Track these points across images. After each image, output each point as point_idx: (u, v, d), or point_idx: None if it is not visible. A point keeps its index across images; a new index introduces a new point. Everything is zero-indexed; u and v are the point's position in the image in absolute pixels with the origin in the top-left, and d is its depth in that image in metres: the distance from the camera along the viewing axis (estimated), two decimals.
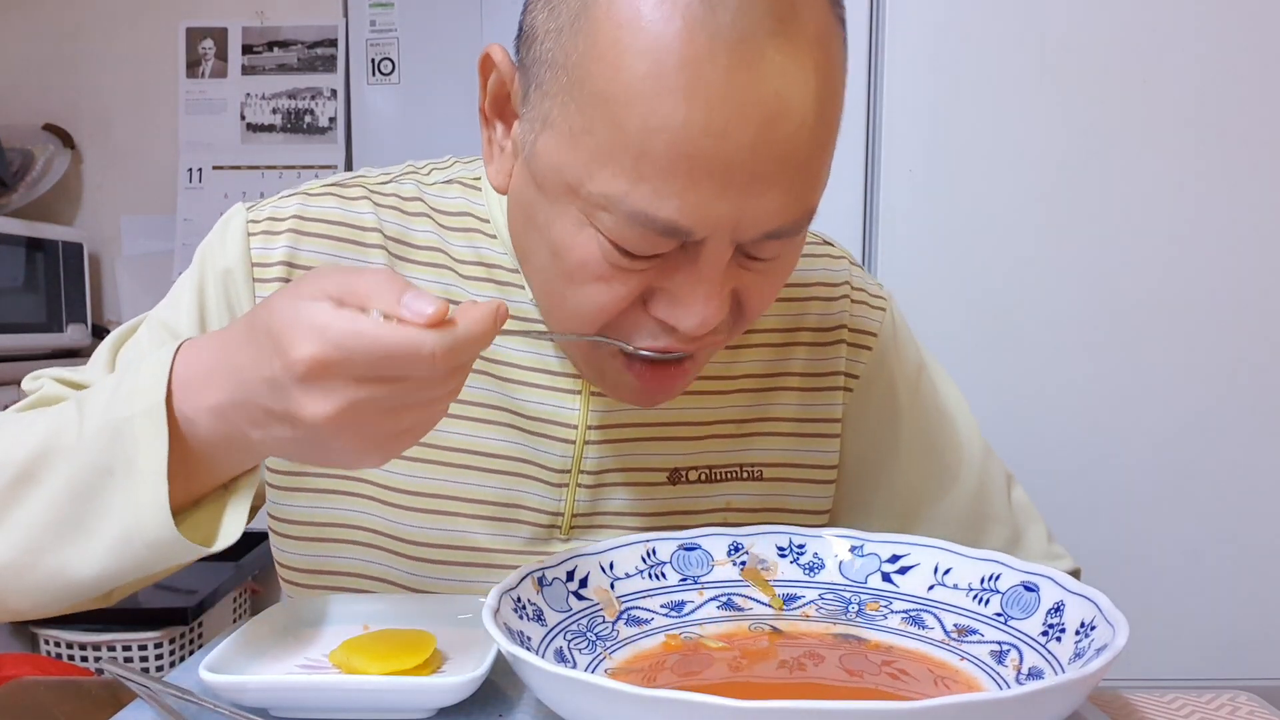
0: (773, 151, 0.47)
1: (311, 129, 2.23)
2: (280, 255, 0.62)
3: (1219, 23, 1.10)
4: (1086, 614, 0.46)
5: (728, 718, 0.34)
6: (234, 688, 0.46)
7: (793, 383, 0.68)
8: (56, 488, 0.49)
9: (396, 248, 0.64)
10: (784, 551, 0.58)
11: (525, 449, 0.64)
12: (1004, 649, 0.49)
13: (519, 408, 0.64)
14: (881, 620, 0.54)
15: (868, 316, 0.69)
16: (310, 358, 0.41)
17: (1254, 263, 1.12)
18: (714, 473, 0.66)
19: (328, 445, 0.44)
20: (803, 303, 0.68)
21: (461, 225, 0.65)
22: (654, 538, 0.57)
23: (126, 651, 1.71)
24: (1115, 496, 1.14)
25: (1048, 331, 1.13)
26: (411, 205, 0.65)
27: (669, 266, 0.50)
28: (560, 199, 0.50)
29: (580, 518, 0.65)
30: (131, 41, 2.26)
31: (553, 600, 0.51)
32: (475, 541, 0.64)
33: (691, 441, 0.66)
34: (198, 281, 0.64)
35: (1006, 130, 1.11)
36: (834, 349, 0.68)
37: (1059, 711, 0.38)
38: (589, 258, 0.50)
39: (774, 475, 0.68)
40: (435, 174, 0.68)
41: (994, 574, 0.52)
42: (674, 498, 0.66)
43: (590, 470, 0.64)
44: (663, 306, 0.51)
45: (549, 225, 0.52)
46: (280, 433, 0.45)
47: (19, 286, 1.96)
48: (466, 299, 0.63)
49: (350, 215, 0.64)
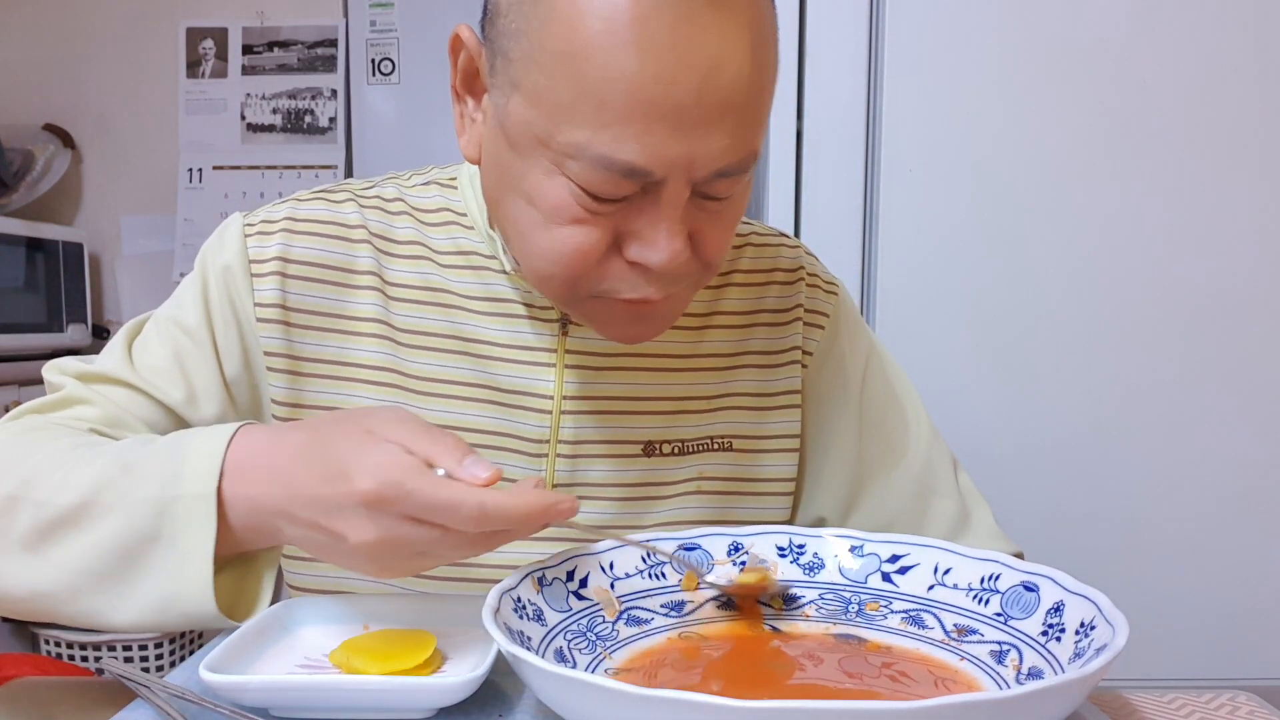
0: (716, 97, 0.52)
1: (312, 129, 2.23)
2: (275, 251, 0.67)
3: (1219, 23, 1.10)
4: (1086, 614, 0.46)
5: (728, 717, 0.34)
6: (234, 688, 0.46)
7: (754, 360, 0.73)
8: (100, 541, 0.53)
9: (380, 243, 0.69)
10: (784, 551, 0.58)
11: (504, 422, 0.68)
12: (1004, 649, 0.49)
13: (496, 383, 0.68)
14: (881, 620, 0.54)
15: (821, 299, 0.75)
16: (374, 492, 0.47)
17: (1255, 263, 1.12)
18: (686, 445, 0.71)
19: (354, 558, 0.50)
20: (763, 287, 0.74)
21: (440, 220, 0.70)
22: (653, 538, 0.57)
23: (127, 651, 1.71)
24: (1115, 496, 1.14)
25: (1048, 331, 1.13)
26: (393, 205, 0.70)
27: (634, 210, 0.55)
28: (532, 153, 0.55)
29: (561, 488, 0.68)
30: (131, 41, 2.26)
31: (553, 600, 0.52)
32: None
33: (663, 415, 0.70)
34: (200, 280, 0.68)
35: (1006, 130, 1.11)
36: (791, 327, 0.74)
37: (1059, 711, 0.38)
38: (561, 203, 0.55)
39: (742, 447, 0.72)
40: (415, 178, 0.73)
41: (994, 574, 0.52)
42: (649, 469, 0.70)
43: (568, 440, 0.68)
44: (633, 248, 0.56)
45: (524, 179, 0.57)
46: (317, 539, 0.50)
47: (19, 286, 1.96)
48: (445, 284, 0.68)
49: (338, 215, 0.69)
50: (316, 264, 0.67)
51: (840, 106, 1.13)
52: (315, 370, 0.67)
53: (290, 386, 0.67)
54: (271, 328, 0.66)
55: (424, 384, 0.67)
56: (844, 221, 1.14)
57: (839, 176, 1.13)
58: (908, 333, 1.14)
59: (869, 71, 1.12)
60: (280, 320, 0.66)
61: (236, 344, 0.67)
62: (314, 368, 0.67)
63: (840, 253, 1.14)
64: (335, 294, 0.67)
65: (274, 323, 0.66)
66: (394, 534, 0.47)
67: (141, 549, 0.52)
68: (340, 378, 0.67)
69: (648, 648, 0.52)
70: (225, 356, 0.67)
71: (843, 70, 1.12)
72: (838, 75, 1.12)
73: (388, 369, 0.67)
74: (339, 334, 0.67)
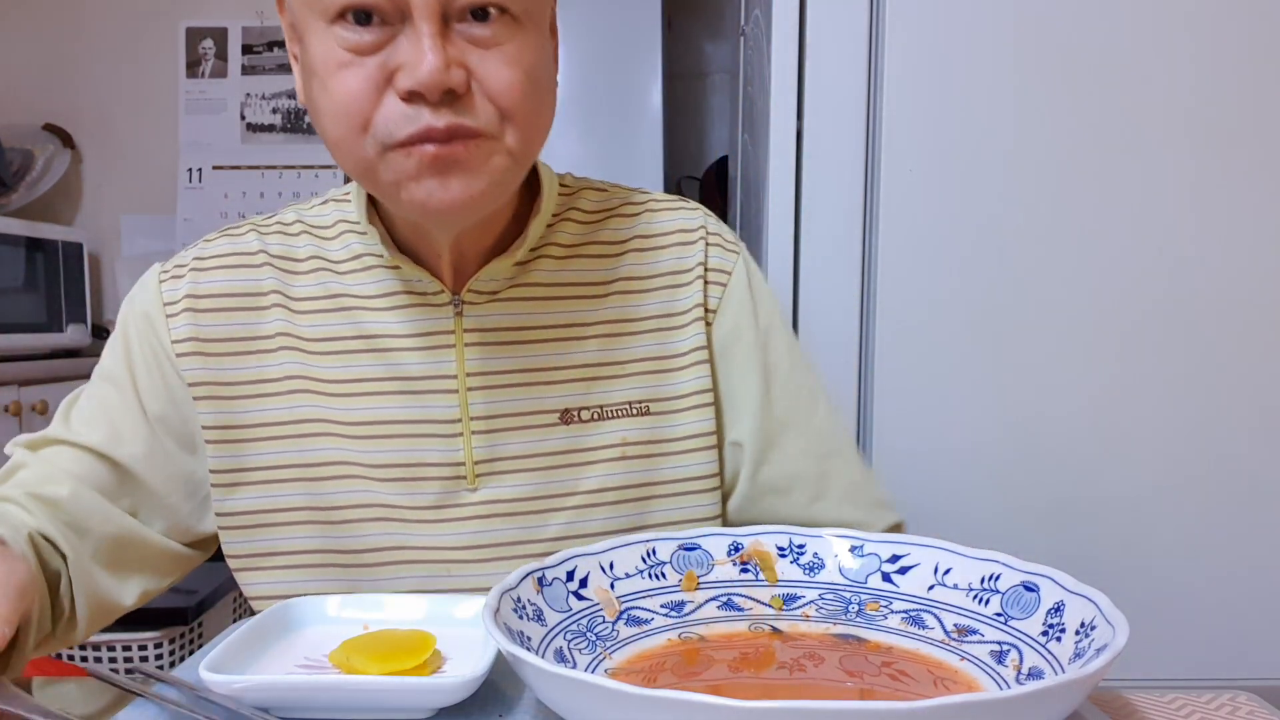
0: None
1: (311, 129, 2.23)
2: (185, 290, 0.71)
3: (1220, 23, 1.10)
4: (1086, 614, 0.46)
5: (728, 717, 0.34)
6: (235, 687, 0.46)
7: (660, 324, 0.74)
8: None
9: (281, 263, 0.73)
10: (784, 551, 0.58)
11: (416, 409, 0.70)
12: (1004, 649, 0.49)
13: (403, 372, 0.70)
14: (881, 620, 0.54)
15: (722, 258, 0.76)
16: None
17: (1256, 263, 1.12)
18: (605, 411, 0.72)
19: None
20: (659, 250, 0.75)
21: (335, 232, 0.73)
22: (654, 538, 0.57)
23: (126, 651, 1.71)
24: (1115, 495, 1.14)
25: (1048, 331, 1.13)
26: (293, 228, 0.75)
27: (395, 42, 0.58)
28: (307, 26, 0.60)
29: (481, 464, 0.70)
30: (131, 41, 2.26)
31: (553, 600, 0.51)
32: (390, 501, 0.69)
33: (576, 383, 0.72)
34: (121, 331, 0.73)
35: (1007, 130, 1.11)
36: (693, 286, 0.75)
37: (1059, 712, 0.38)
38: (330, 51, 0.59)
39: (659, 409, 0.73)
40: (314, 201, 0.77)
41: (994, 574, 0.52)
42: (569, 437, 0.71)
43: (480, 416, 0.70)
44: (401, 78, 0.58)
45: (309, 59, 0.61)
46: None
47: (19, 286, 1.96)
48: (343, 289, 0.72)
49: (238, 246, 0.73)
50: (223, 294, 0.71)
51: (840, 106, 1.13)
52: (238, 392, 0.70)
53: (218, 410, 0.70)
54: (191, 360, 0.70)
55: (335, 385, 0.70)
56: (844, 221, 1.14)
57: (839, 176, 1.14)
58: (908, 333, 1.14)
59: (869, 71, 1.12)
60: (197, 352, 0.70)
61: (159, 382, 0.70)
62: (237, 389, 0.70)
63: (840, 253, 1.14)
64: (244, 318, 0.71)
65: (192, 355, 0.70)
66: None
67: None
68: (261, 395, 0.70)
69: (648, 648, 0.52)
70: (147, 396, 0.70)
71: (843, 70, 1.12)
72: (838, 75, 1.12)
73: (301, 376, 0.70)
74: (253, 354, 0.71)
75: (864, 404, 1.16)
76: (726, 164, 2.16)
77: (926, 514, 0.71)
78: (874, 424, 1.15)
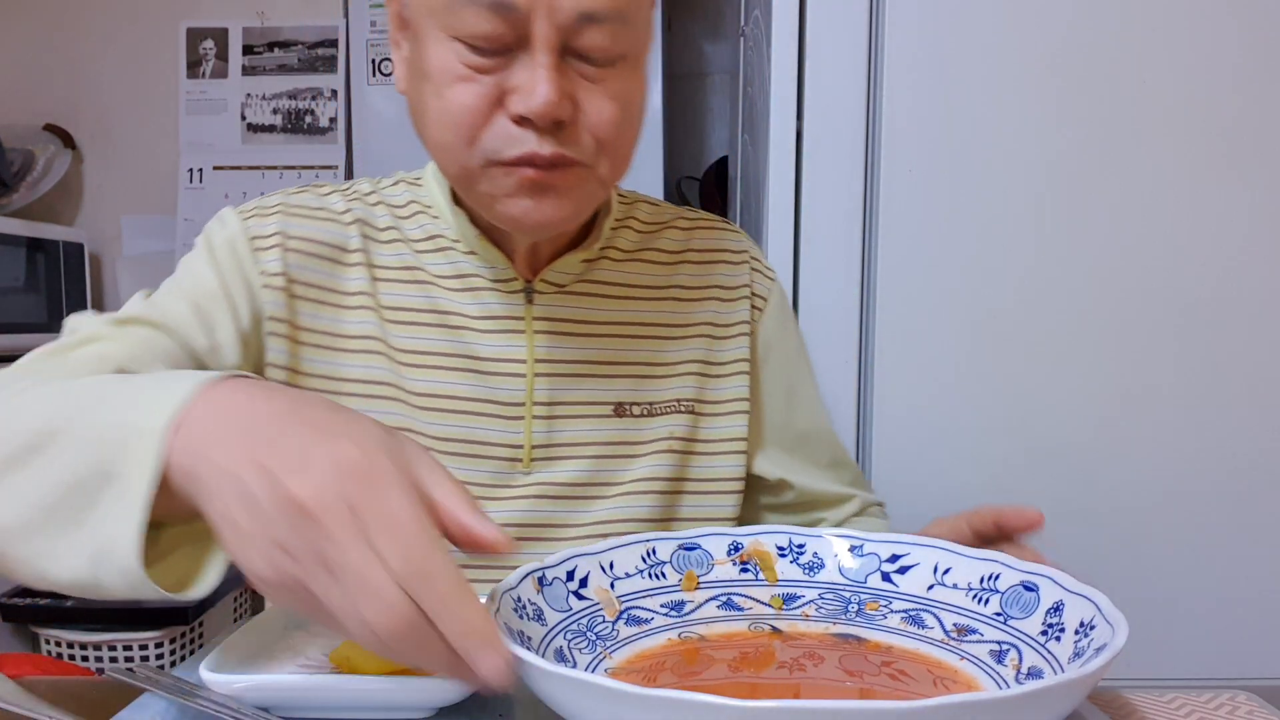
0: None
1: (312, 129, 2.23)
2: (274, 228, 0.71)
3: (1220, 22, 1.10)
4: (1086, 613, 0.46)
5: (728, 717, 0.34)
6: (235, 686, 0.46)
7: (710, 331, 0.79)
8: (59, 468, 0.46)
9: (365, 227, 0.74)
10: (784, 551, 0.58)
11: (482, 388, 0.72)
12: (1003, 649, 0.49)
13: (472, 351, 0.72)
14: (881, 620, 0.54)
15: (762, 283, 0.83)
16: (357, 452, 0.39)
17: (1257, 263, 1.12)
18: (654, 407, 0.76)
19: (271, 523, 0.39)
20: (714, 265, 0.81)
21: (410, 211, 0.76)
22: (654, 537, 0.57)
23: (127, 651, 1.71)
24: (1115, 496, 1.14)
25: (1048, 331, 1.13)
26: (370, 198, 0.76)
27: (513, 68, 0.60)
28: (426, 29, 0.62)
29: (539, 449, 0.73)
30: (132, 41, 2.26)
31: (553, 600, 0.52)
32: None
33: (630, 379, 0.76)
34: (208, 251, 0.71)
35: (1007, 130, 1.11)
36: (740, 303, 0.81)
37: (1059, 711, 0.38)
38: (448, 63, 0.61)
39: (703, 410, 0.78)
40: (384, 180, 0.79)
41: (994, 574, 0.52)
42: (621, 429, 0.75)
43: (542, 401, 0.73)
44: (514, 101, 0.61)
45: (422, 59, 0.62)
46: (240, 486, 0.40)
47: (19, 286, 1.96)
48: (419, 264, 0.73)
49: (326, 203, 0.75)
50: (313, 240, 0.72)
51: (840, 106, 1.13)
52: (311, 340, 0.71)
53: (289, 353, 0.70)
54: (277, 294, 0.70)
55: (408, 356, 0.72)
56: (844, 221, 1.14)
57: (839, 177, 1.13)
58: (908, 333, 1.14)
59: (869, 71, 1.12)
60: (284, 289, 0.70)
61: (247, 305, 0.70)
62: (310, 337, 0.71)
63: (840, 253, 1.14)
64: (330, 269, 0.72)
65: (278, 290, 0.70)
66: (328, 508, 0.38)
67: (93, 486, 0.44)
68: (333, 348, 0.72)
69: (648, 648, 0.53)
70: (239, 314, 0.69)
71: (843, 70, 1.12)
72: (838, 75, 1.12)
73: (376, 338, 0.72)
74: (333, 307, 0.72)
75: (863, 404, 1.16)
76: (726, 164, 2.15)
77: (926, 514, 0.71)
78: (874, 424, 1.15)
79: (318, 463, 0.39)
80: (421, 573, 0.37)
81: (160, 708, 0.48)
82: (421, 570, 0.37)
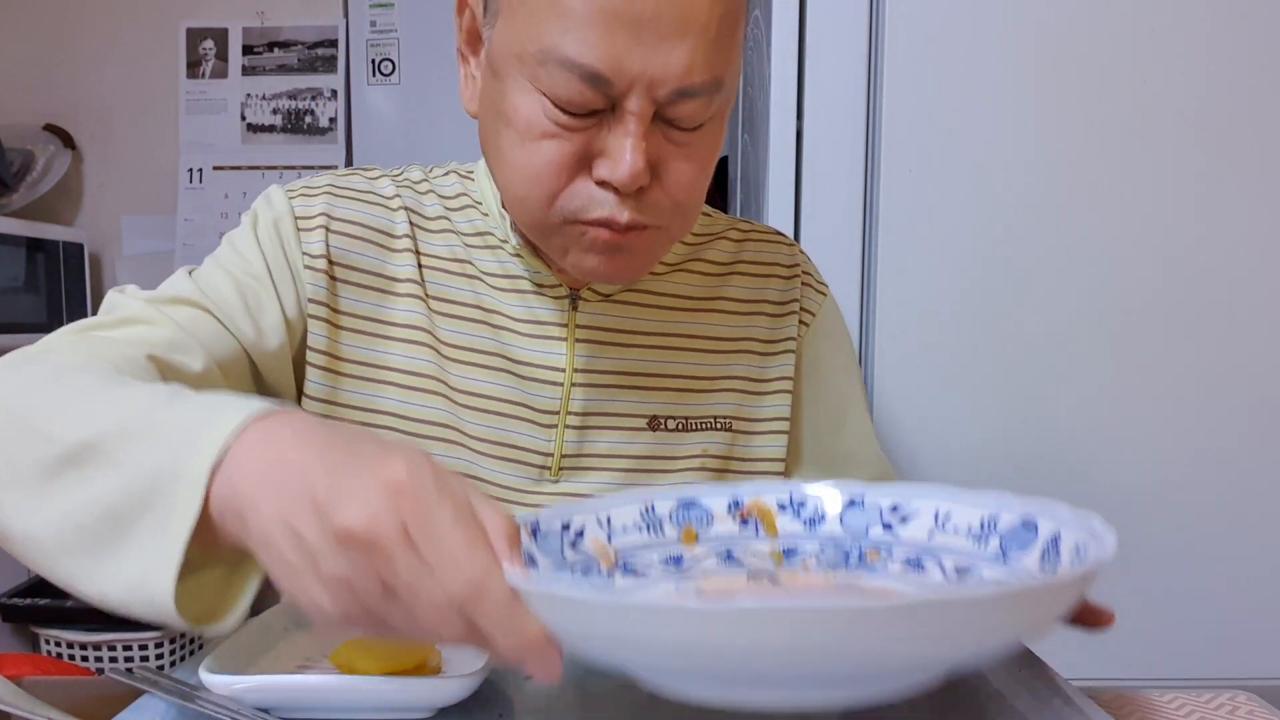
0: (676, 13, 0.55)
1: (312, 129, 2.23)
2: (320, 209, 0.70)
3: (1220, 22, 1.10)
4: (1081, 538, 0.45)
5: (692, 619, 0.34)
6: (235, 687, 0.46)
7: (755, 347, 0.77)
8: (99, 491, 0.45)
9: (413, 216, 0.72)
10: (784, 506, 0.58)
11: (518, 392, 0.70)
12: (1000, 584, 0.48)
13: (512, 354, 0.71)
14: (882, 568, 0.54)
15: (812, 299, 0.81)
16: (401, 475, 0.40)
17: (1257, 263, 1.12)
18: (689, 423, 0.74)
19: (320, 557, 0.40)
20: (765, 279, 0.79)
21: (460, 204, 0.74)
22: (652, 493, 0.56)
23: (127, 651, 1.72)
24: (1115, 495, 1.14)
25: (1048, 331, 1.13)
26: (420, 186, 0.75)
27: (602, 130, 0.59)
28: (510, 73, 0.59)
29: (568, 459, 0.71)
30: (132, 42, 2.26)
31: (547, 550, 0.50)
32: (480, 474, 0.70)
33: (668, 392, 0.74)
34: (252, 231, 0.69)
35: (1006, 130, 1.11)
36: (789, 319, 0.79)
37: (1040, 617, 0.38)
38: (533, 118, 0.58)
39: (740, 428, 0.76)
40: (436, 169, 0.77)
41: (993, 515, 0.51)
42: (654, 443, 0.73)
43: (576, 412, 0.71)
44: (599, 165, 0.59)
45: (503, 100, 0.60)
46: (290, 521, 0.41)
47: (19, 286, 1.96)
48: (468, 257, 0.72)
49: (374, 187, 0.73)
50: (359, 223, 0.71)
51: (840, 106, 1.13)
52: (352, 325, 0.70)
53: (328, 337, 0.69)
54: (318, 276, 0.68)
55: (451, 350, 0.70)
56: (844, 221, 1.14)
57: (839, 176, 1.13)
58: (907, 333, 1.14)
59: (869, 71, 1.12)
60: (325, 271, 0.69)
61: (291, 288, 0.68)
62: (351, 322, 0.70)
63: (840, 253, 1.14)
64: (376, 253, 0.71)
65: (320, 272, 0.69)
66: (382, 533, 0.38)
67: (132, 515, 0.45)
68: (376, 335, 0.70)
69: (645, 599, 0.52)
70: (283, 296, 0.68)
71: (843, 70, 1.12)
72: (838, 75, 1.12)
73: (421, 329, 0.70)
74: (378, 292, 0.70)
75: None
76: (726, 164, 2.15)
77: None
78: (874, 424, 1.15)
79: (366, 490, 0.39)
80: (477, 594, 0.38)
81: (160, 709, 0.48)
82: (477, 592, 0.38)
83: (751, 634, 0.34)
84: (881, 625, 0.34)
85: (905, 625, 0.34)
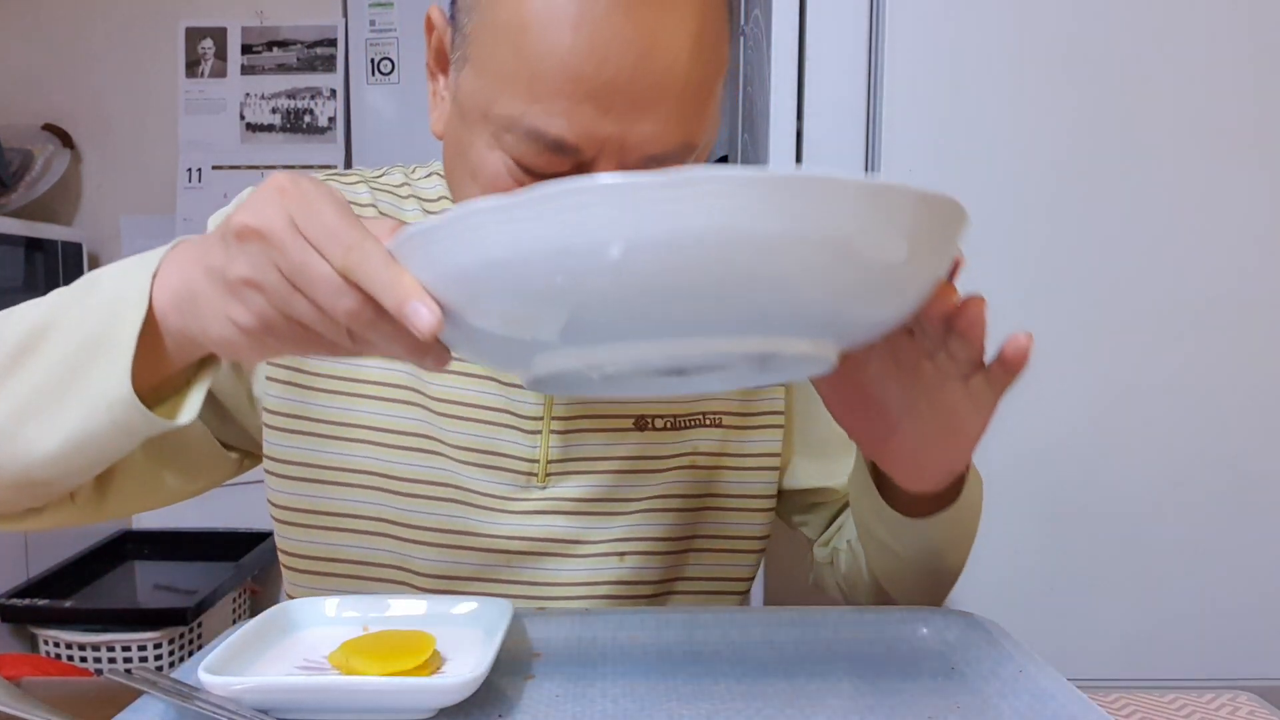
0: (649, 80, 0.53)
1: (311, 129, 2.23)
2: None
3: (1221, 22, 1.10)
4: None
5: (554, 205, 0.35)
6: (234, 688, 0.46)
7: None
8: (53, 358, 0.52)
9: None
10: None
11: (502, 399, 0.70)
12: None
13: None
14: None
15: None
16: (286, 179, 0.45)
17: (1257, 264, 1.12)
18: (678, 420, 0.73)
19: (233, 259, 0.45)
20: None
21: (439, 208, 0.73)
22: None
23: (126, 652, 1.71)
24: (1115, 496, 1.14)
25: (1048, 330, 1.13)
26: (401, 190, 0.74)
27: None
28: (476, 124, 0.57)
29: (554, 464, 0.70)
30: (131, 41, 2.25)
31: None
32: (462, 482, 0.69)
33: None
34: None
35: (1007, 130, 1.11)
36: None
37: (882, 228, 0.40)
38: (497, 176, 0.56)
39: (731, 423, 0.74)
40: (418, 170, 0.76)
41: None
42: (642, 444, 0.72)
43: (561, 416, 0.70)
44: None
45: (469, 150, 0.58)
46: (211, 257, 0.47)
47: (18, 286, 1.96)
48: None
49: (349, 194, 0.72)
50: None
51: (840, 106, 1.13)
52: None
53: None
54: None
55: None
56: None
57: None
58: None
59: (869, 71, 1.12)
60: None
61: None
62: None
63: None
64: None
65: None
66: (272, 224, 0.43)
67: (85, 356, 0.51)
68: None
69: None
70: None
71: (843, 70, 1.12)
72: (838, 75, 1.12)
73: None
74: None
75: None
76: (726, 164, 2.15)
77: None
78: None
79: (255, 198, 0.45)
80: (359, 255, 0.42)
81: (159, 710, 0.48)
82: (358, 253, 0.42)
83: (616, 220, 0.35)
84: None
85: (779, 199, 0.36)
